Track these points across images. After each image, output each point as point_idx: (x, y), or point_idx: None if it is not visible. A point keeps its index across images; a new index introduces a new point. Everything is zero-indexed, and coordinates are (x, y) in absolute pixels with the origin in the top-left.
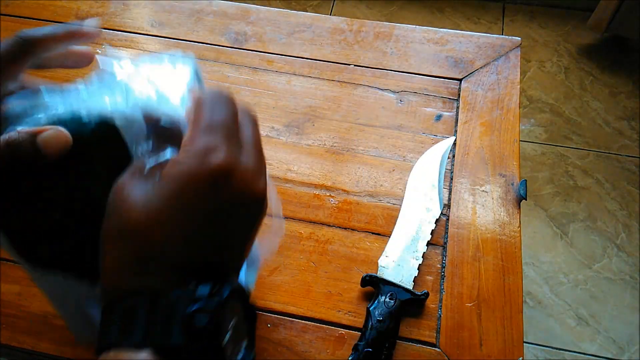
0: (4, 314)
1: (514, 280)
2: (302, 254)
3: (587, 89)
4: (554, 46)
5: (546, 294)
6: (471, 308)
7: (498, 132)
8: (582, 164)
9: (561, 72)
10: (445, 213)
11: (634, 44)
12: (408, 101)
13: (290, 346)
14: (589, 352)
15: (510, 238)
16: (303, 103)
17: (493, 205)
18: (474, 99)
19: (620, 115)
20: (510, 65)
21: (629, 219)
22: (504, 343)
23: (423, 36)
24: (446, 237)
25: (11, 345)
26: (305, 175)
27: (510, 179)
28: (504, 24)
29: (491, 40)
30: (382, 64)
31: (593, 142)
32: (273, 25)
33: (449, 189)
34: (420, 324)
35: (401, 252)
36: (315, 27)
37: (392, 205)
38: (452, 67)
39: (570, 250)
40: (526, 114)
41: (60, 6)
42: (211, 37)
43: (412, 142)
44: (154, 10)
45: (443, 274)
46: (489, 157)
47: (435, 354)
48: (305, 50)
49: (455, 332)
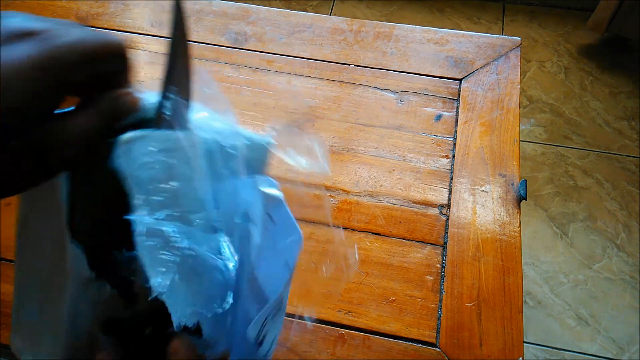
0: (4, 314)
1: (514, 280)
2: (302, 254)
3: (587, 89)
4: (554, 46)
5: (546, 294)
6: (471, 308)
7: (498, 132)
8: (582, 164)
9: (561, 72)
10: (445, 213)
11: (634, 44)
12: (408, 101)
13: (290, 346)
14: (589, 352)
15: (510, 238)
16: (303, 103)
17: (493, 205)
18: (474, 99)
19: (620, 115)
20: (510, 65)
21: (629, 219)
22: (504, 343)
23: (423, 36)
24: (446, 237)
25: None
26: (306, 175)
27: (510, 179)
28: (504, 24)
29: (491, 40)
30: (382, 64)
31: (593, 142)
32: (273, 25)
33: (449, 189)
34: (420, 324)
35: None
36: (315, 27)
37: (392, 205)
38: (452, 67)
39: (570, 250)
40: (526, 114)
41: (60, 6)
42: (211, 37)
43: (412, 142)
44: (154, 10)
45: (443, 274)
46: (489, 157)
47: (435, 354)
48: (305, 50)
49: (455, 332)
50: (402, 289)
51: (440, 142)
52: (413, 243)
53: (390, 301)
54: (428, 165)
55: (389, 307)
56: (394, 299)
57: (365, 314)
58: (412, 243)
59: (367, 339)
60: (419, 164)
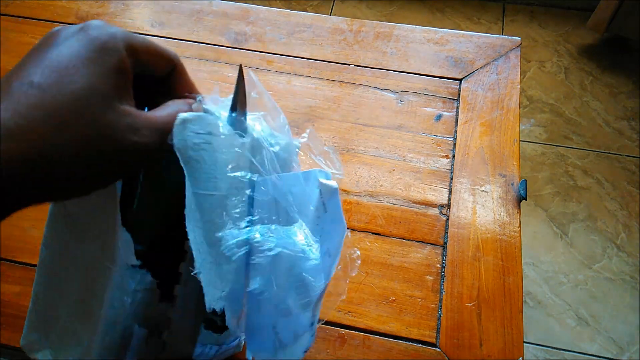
0: (4, 314)
1: (514, 280)
2: None
3: (587, 89)
4: (554, 46)
5: (546, 294)
6: (471, 308)
7: (498, 132)
8: (582, 164)
9: (561, 72)
10: (445, 213)
11: (634, 44)
12: (408, 101)
13: None
14: (589, 352)
15: (510, 238)
16: (303, 103)
17: (493, 205)
18: (474, 99)
19: (620, 115)
20: (510, 65)
21: (629, 219)
22: (504, 343)
23: (423, 36)
24: (446, 237)
25: (11, 345)
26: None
27: (510, 179)
28: (504, 24)
29: (491, 40)
30: (382, 64)
31: (593, 142)
32: (273, 25)
33: (449, 189)
34: (420, 324)
35: None
36: (315, 27)
37: (392, 205)
38: (452, 67)
39: (570, 250)
40: (526, 114)
41: (60, 6)
42: (211, 37)
43: (412, 142)
44: (154, 10)
45: (443, 274)
46: (489, 157)
47: (435, 354)
48: (305, 50)
49: (455, 332)
50: (402, 289)
51: (440, 142)
52: (413, 243)
53: (390, 301)
54: (428, 165)
55: (389, 307)
56: (394, 299)
57: (365, 314)
58: (412, 243)
59: (367, 339)
60: (419, 164)
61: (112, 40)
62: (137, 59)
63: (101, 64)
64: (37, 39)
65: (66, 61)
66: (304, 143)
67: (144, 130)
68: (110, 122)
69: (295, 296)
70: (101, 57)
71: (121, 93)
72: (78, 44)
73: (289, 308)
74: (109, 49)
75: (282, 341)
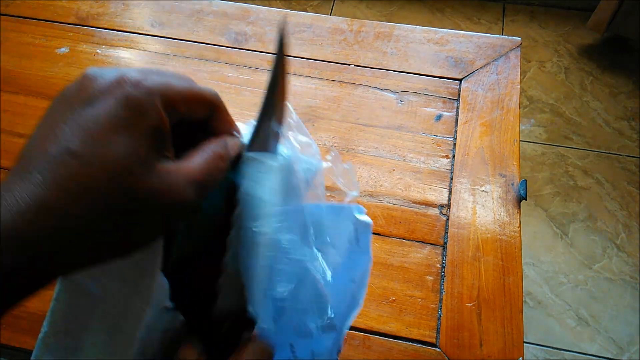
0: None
1: (514, 280)
2: None
3: (587, 89)
4: (554, 46)
5: (546, 294)
6: (471, 308)
7: (498, 132)
8: (582, 164)
9: (561, 72)
10: (445, 213)
11: (634, 44)
12: (408, 101)
13: None
14: (589, 352)
15: (510, 238)
16: (303, 103)
17: (493, 205)
18: (474, 99)
19: (620, 115)
20: (510, 65)
21: (629, 219)
22: (504, 343)
23: (423, 36)
24: (446, 237)
25: (11, 345)
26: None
27: (510, 179)
28: (504, 24)
29: (491, 40)
30: (382, 64)
31: (593, 142)
32: (273, 25)
33: (449, 189)
34: (420, 324)
35: None
36: (315, 27)
37: (392, 205)
38: (452, 67)
39: (570, 250)
40: (526, 114)
41: (60, 6)
42: (211, 37)
43: (412, 142)
44: (154, 10)
45: (443, 274)
46: (489, 157)
47: (435, 354)
48: (305, 50)
49: (455, 332)
50: (402, 289)
51: (440, 142)
52: (413, 243)
53: (390, 301)
54: (428, 165)
55: (389, 307)
56: (394, 299)
57: (365, 314)
58: (412, 243)
59: (367, 339)
60: (419, 164)
61: (150, 99)
62: (176, 110)
63: (139, 127)
64: (37, 39)
65: (103, 123)
66: (332, 162)
67: (183, 187)
68: (151, 187)
69: (315, 317)
70: (139, 118)
71: (160, 151)
72: (114, 102)
73: (309, 329)
74: (147, 109)
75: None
